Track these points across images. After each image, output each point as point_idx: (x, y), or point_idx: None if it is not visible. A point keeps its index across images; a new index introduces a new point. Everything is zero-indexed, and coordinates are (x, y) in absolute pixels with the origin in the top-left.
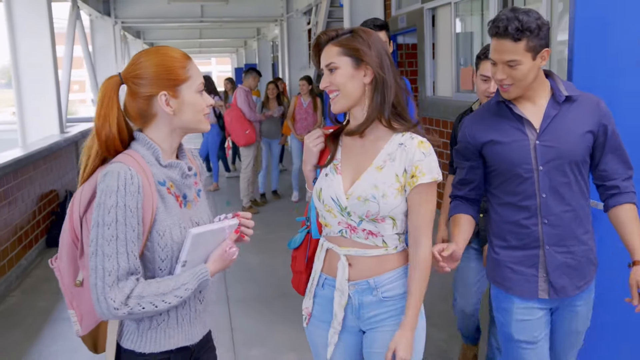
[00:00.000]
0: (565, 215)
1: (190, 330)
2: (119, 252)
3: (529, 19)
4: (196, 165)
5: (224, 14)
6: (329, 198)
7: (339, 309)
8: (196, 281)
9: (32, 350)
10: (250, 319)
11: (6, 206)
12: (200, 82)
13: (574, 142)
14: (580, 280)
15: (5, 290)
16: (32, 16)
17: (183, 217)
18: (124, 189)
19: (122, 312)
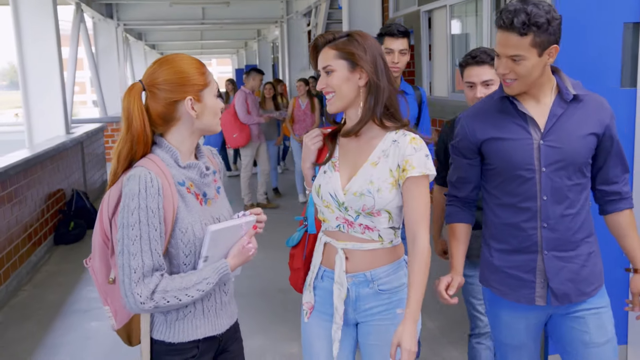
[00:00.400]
0: (566, 219)
1: (216, 320)
2: (143, 250)
3: (538, 12)
4: (215, 164)
5: (225, 16)
6: (327, 194)
7: (339, 302)
8: (217, 275)
9: (45, 340)
10: (252, 312)
11: (17, 205)
12: (216, 86)
13: (578, 144)
14: (587, 286)
15: (17, 285)
16: (38, 19)
17: (204, 214)
18: (145, 191)
19: (148, 306)
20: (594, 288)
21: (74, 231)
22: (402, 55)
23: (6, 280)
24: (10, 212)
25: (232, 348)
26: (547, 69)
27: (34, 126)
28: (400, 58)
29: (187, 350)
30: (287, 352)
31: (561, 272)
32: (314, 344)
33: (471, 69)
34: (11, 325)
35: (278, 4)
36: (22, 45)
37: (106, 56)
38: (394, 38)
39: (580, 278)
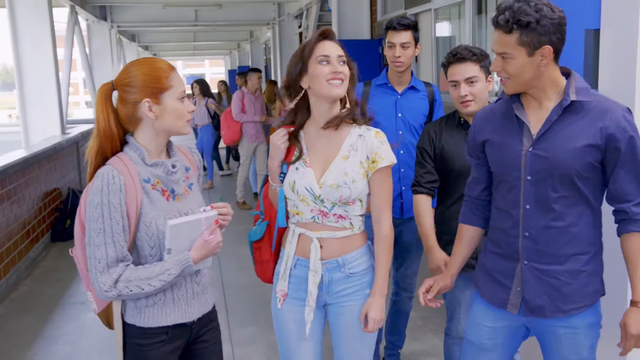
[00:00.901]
0: (552, 231)
1: (187, 309)
2: (107, 242)
3: (525, 10)
4: (193, 161)
5: (218, 18)
6: (303, 188)
7: (313, 287)
8: (179, 267)
9: (45, 331)
10: (243, 303)
11: (15, 202)
12: (181, 90)
13: (570, 155)
14: (566, 303)
15: (16, 280)
16: (34, 21)
17: (170, 210)
18: (107, 188)
19: (112, 294)
20: (575, 307)
21: (70, 229)
22: (404, 49)
23: (6, 275)
24: (10, 210)
25: (207, 337)
26: (547, 70)
27: (30, 126)
28: (403, 52)
29: (157, 334)
30: (274, 340)
31: (538, 285)
32: (286, 328)
33: (453, 67)
34: (12, 318)
35: (270, 6)
36: (18, 47)
37: (100, 57)
38: (395, 31)
39: (560, 294)
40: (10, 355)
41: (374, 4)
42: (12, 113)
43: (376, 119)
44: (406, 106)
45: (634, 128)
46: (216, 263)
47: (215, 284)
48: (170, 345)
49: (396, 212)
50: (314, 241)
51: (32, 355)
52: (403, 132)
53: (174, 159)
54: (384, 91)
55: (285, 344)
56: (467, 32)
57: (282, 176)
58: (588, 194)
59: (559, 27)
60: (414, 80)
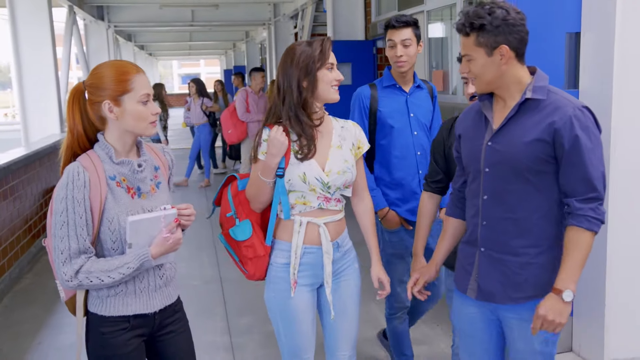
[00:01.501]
0: (503, 222)
1: (149, 300)
2: (70, 235)
3: (478, 13)
4: (164, 161)
5: (214, 18)
6: (313, 178)
7: (330, 268)
8: (138, 261)
9: (49, 321)
10: (240, 295)
11: (18, 199)
12: (143, 93)
13: (520, 148)
14: (515, 291)
15: (19, 273)
16: (34, 21)
17: (134, 207)
18: (72, 183)
19: (73, 284)
20: (523, 296)
21: None
22: (406, 47)
23: (9, 269)
24: (13, 206)
25: (173, 327)
26: (510, 69)
27: (30, 125)
28: (405, 50)
29: (118, 323)
30: (270, 330)
31: (492, 271)
32: (298, 315)
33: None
34: (16, 309)
35: (266, 6)
36: (18, 47)
37: (97, 57)
38: (395, 29)
39: (510, 283)
40: (17, 343)
41: (369, 5)
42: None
43: (389, 121)
44: (416, 105)
45: (585, 127)
46: (213, 259)
47: (213, 279)
48: (131, 333)
49: None
50: (321, 226)
51: (37, 343)
52: (418, 132)
53: (142, 158)
54: (392, 92)
55: (296, 330)
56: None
57: (280, 171)
58: (543, 188)
59: (513, 27)
60: (417, 79)
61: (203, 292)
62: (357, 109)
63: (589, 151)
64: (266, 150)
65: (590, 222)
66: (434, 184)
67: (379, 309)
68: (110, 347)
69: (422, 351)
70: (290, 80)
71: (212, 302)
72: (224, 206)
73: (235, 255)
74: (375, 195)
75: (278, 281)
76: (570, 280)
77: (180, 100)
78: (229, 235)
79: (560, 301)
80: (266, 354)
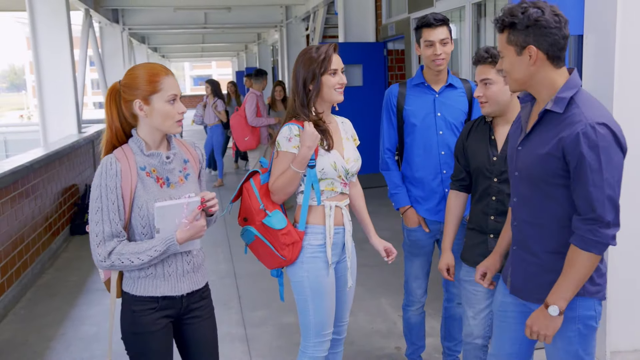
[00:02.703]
0: (527, 225)
1: (177, 284)
2: (104, 220)
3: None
4: (194, 155)
5: (227, 21)
6: (341, 167)
7: (352, 246)
8: (164, 245)
9: (71, 313)
10: (254, 289)
11: (39, 197)
12: (171, 93)
13: (534, 159)
14: (538, 292)
15: (40, 269)
16: (52, 24)
17: (162, 195)
18: (105, 173)
19: (106, 264)
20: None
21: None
22: (443, 46)
23: (31, 264)
24: (34, 203)
25: (199, 312)
26: (540, 72)
27: (48, 126)
28: (442, 49)
29: (147, 302)
30: (284, 322)
31: (519, 269)
32: (330, 292)
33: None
34: (39, 302)
35: (278, 9)
36: (37, 49)
37: (112, 59)
38: (432, 28)
39: (533, 283)
40: (41, 333)
41: (379, 8)
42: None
43: (412, 120)
44: (445, 105)
45: (594, 145)
46: (228, 255)
47: (227, 273)
48: (159, 313)
49: (442, 216)
50: (343, 209)
51: (61, 334)
52: (443, 132)
53: (172, 152)
54: (421, 90)
55: (326, 305)
56: (467, 35)
57: (313, 162)
58: (559, 199)
59: (545, 29)
60: (451, 77)
61: (219, 286)
62: (385, 107)
63: (593, 171)
64: (298, 144)
65: (587, 243)
66: (458, 182)
67: (388, 304)
68: (140, 324)
69: (429, 342)
70: (298, 82)
71: (227, 295)
72: (252, 200)
73: (270, 243)
74: (400, 192)
75: (314, 261)
76: (560, 297)
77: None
78: (264, 226)
79: (546, 315)
80: (280, 345)
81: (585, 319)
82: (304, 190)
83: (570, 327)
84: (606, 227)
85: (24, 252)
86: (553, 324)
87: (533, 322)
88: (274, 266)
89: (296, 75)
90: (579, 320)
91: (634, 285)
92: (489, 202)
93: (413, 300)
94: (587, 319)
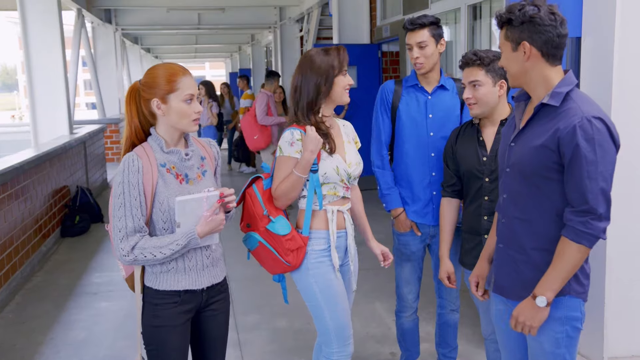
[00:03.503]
0: (516, 221)
1: (197, 278)
2: (126, 215)
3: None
4: (210, 152)
5: (220, 22)
6: (343, 171)
7: (353, 245)
8: (186, 239)
9: (60, 317)
10: (247, 293)
11: (28, 199)
12: (187, 93)
13: (527, 152)
14: (522, 289)
15: (30, 271)
16: (44, 24)
17: (182, 191)
18: (127, 170)
19: (129, 259)
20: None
21: (79, 224)
22: (422, 49)
23: (21, 267)
24: (24, 205)
25: (216, 306)
26: (535, 68)
27: (39, 126)
28: (420, 52)
29: (170, 296)
30: (277, 326)
31: (505, 267)
32: (341, 294)
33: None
34: (28, 305)
35: (272, 10)
36: (28, 49)
37: (104, 59)
38: (410, 32)
39: (520, 281)
40: (30, 338)
41: (374, 10)
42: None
43: (404, 120)
44: (437, 106)
45: (590, 138)
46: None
47: None
48: (181, 307)
49: (429, 219)
50: (345, 213)
51: (49, 339)
52: (434, 133)
53: (190, 149)
54: (414, 92)
55: (340, 307)
56: (462, 37)
57: (315, 166)
58: (550, 194)
59: (539, 26)
60: (443, 78)
61: None
62: (380, 103)
63: (588, 163)
64: (301, 148)
65: (578, 234)
66: (449, 189)
67: (383, 308)
68: (161, 317)
69: (424, 348)
70: (308, 84)
71: None
72: (255, 206)
73: (274, 249)
74: (392, 193)
75: (319, 266)
76: (547, 288)
77: None
78: (268, 232)
79: (533, 305)
80: (273, 349)
81: (572, 320)
82: (307, 195)
83: (557, 328)
84: (598, 219)
85: (13, 254)
86: (540, 315)
87: (519, 313)
88: (278, 272)
89: (304, 78)
90: (566, 321)
91: (631, 291)
92: (482, 202)
93: (405, 305)
94: (573, 320)
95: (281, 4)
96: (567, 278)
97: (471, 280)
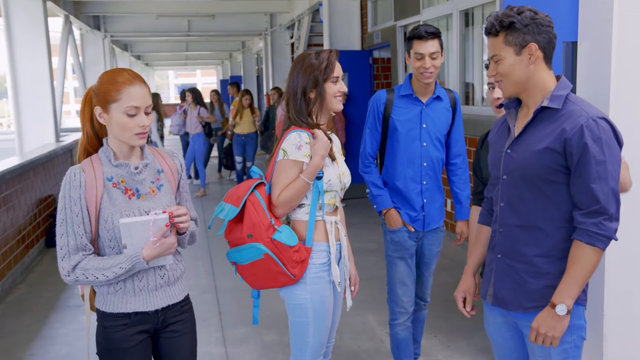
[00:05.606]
0: (517, 230)
1: (149, 299)
2: (68, 232)
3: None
4: (171, 165)
5: (211, 29)
6: (342, 181)
7: (346, 258)
8: (130, 262)
9: (42, 331)
10: (236, 305)
11: (11, 208)
12: (130, 105)
13: (530, 157)
14: (527, 300)
15: (12, 284)
16: (29, 31)
17: (130, 207)
18: (69, 184)
19: (70, 279)
20: (535, 306)
21: None
22: (432, 59)
23: (2, 279)
24: (6, 215)
25: (177, 327)
26: (537, 71)
27: (24, 134)
28: (432, 62)
29: (119, 318)
30: (266, 340)
31: (505, 278)
32: (330, 311)
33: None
34: (9, 319)
35: (262, 17)
36: (13, 56)
37: (93, 67)
38: (423, 41)
39: (522, 291)
40: (10, 353)
41: (365, 16)
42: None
43: (398, 130)
44: (431, 117)
45: (597, 138)
46: (209, 268)
47: (208, 288)
48: (132, 329)
49: (419, 225)
50: (339, 224)
51: (30, 354)
52: (427, 143)
53: (143, 162)
54: (409, 101)
55: (326, 326)
56: (454, 43)
57: (321, 172)
58: (555, 198)
59: (542, 27)
60: (438, 89)
61: (199, 301)
62: (372, 113)
63: (598, 163)
64: (309, 152)
65: (592, 236)
66: (477, 197)
67: (375, 320)
68: (112, 341)
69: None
70: (295, 88)
71: (207, 312)
72: (259, 215)
73: (280, 260)
74: (383, 194)
75: (318, 281)
76: (566, 295)
77: None
78: (274, 242)
79: (554, 315)
80: None
81: (578, 330)
82: (311, 204)
83: (567, 338)
84: (609, 220)
85: None
86: (561, 325)
87: (540, 325)
88: (271, 286)
89: (293, 83)
90: (574, 330)
91: (631, 300)
92: None
93: (399, 311)
94: (579, 329)
95: (272, 10)
96: (584, 283)
97: (457, 296)
